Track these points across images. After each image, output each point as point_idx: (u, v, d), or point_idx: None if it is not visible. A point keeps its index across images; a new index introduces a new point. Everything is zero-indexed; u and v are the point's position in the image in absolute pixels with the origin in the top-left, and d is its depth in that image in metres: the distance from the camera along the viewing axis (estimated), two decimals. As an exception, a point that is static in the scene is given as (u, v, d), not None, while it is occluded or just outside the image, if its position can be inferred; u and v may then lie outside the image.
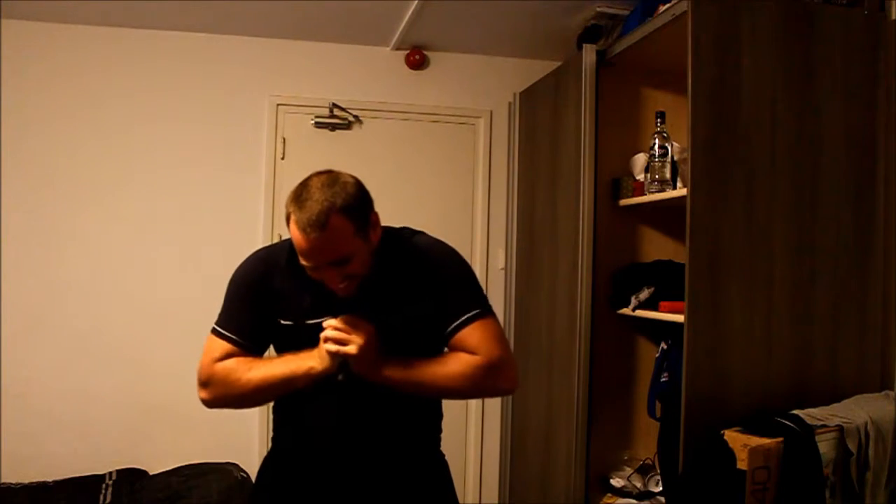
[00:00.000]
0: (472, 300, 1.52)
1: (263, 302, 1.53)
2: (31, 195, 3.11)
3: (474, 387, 1.49)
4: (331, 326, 1.41)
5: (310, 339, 1.46)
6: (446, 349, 1.52)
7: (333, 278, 1.42)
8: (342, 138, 3.42)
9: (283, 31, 3.27)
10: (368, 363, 1.43)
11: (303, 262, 1.41)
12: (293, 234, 1.39)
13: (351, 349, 1.39)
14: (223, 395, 1.55)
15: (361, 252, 1.43)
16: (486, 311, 1.52)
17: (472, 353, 1.47)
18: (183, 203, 3.24)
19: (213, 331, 1.58)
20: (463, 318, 1.49)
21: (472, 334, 1.48)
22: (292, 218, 1.39)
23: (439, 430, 1.66)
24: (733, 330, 1.94)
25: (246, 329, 1.54)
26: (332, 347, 1.40)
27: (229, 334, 1.55)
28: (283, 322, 1.52)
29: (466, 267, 1.57)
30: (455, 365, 1.47)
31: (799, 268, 2.00)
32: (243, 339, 1.54)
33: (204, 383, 1.57)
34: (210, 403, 1.58)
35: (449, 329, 1.49)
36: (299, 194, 1.40)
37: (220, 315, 1.59)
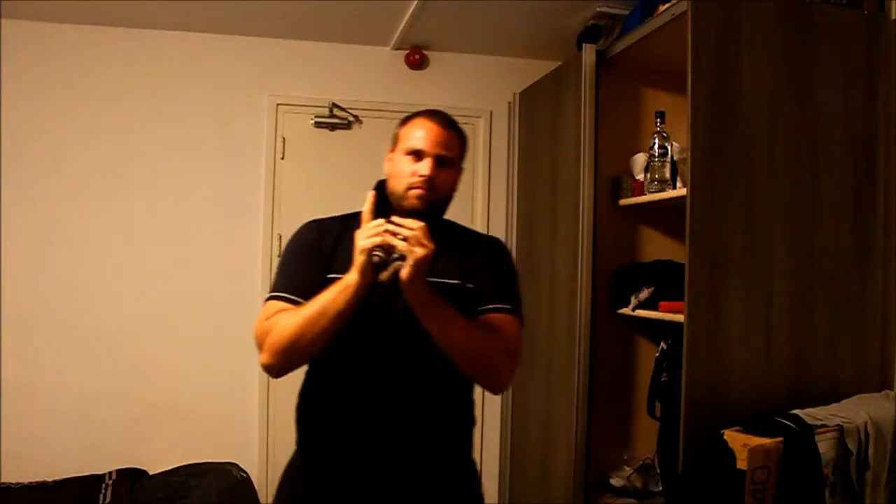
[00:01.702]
0: (513, 297, 1.58)
1: (317, 258, 1.55)
2: (32, 194, 3.11)
3: (484, 360, 1.49)
4: (410, 227, 1.37)
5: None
6: None
7: (426, 169, 1.50)
8: (342, 138, 3.42)
9: (283, 31, 3.27)
10: (422, 276, 1.39)
11: (415, 145, 1.52)
12: (416, 123, 1.56)
13: (420, 252, 1.34)
14: (276, 350, 1.47)
15: (452, 173, 1.57)
16: (520, 313, 1.57)
17: (497, 334, 1.51)
18: (183, 202, 3.24)
19: (267, 299, 1.56)
20: (499, 305, 1.54)
21: (501, 320, 1.52)
22: (418, 116, 1.57)
23: (471, 436, 1.67)
24: (733, 330, 1.93)
25: (298, 286, 1.53)
26: (401, 245, 1.35)
27: (281, 293, 1.54)
28: (332, 276, 1.50)
29: (515, 269, 1.66)
30: (481, 331, 1.49)
31: (799, 268, 2.00)
32: (295, 294, 1.52)
33: (259, 345, 1.51)
34: (269, 367, 1.51)
35: (482, 307, 1.52)
36: (419, 112, 1.59)
37: (272, 284, 1.59)
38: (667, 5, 2.20)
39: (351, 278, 1.39)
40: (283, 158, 3.35)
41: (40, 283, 3.11)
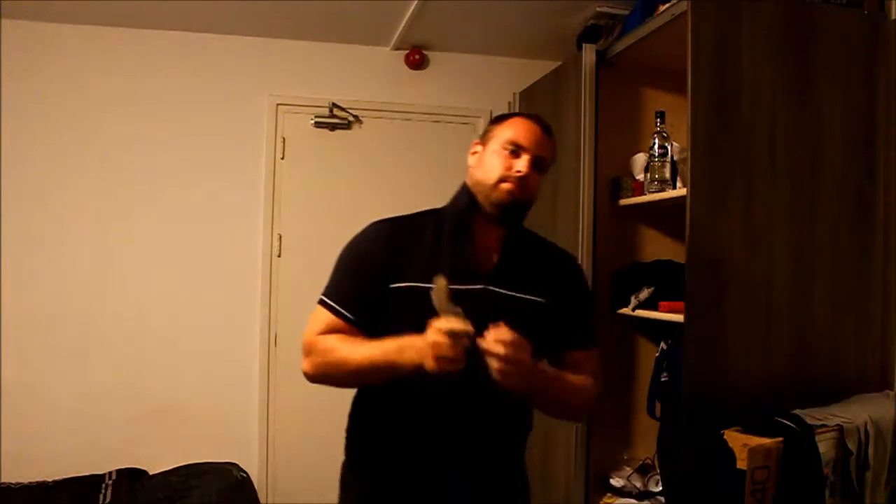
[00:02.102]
0: (594, 328, 1.59)
1: (377, 270, 1.48)
2: (32, 194, 3.11)
3: (583, 409, 1.54)
4: (499, 340, 1.28)
5: (419, 304, 1.36)
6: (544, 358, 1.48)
7: (523, 165, 1.47)
8: (342, 138, 3.42)
9: (283, 31, 3.27)
10: (521, 386, 1.34)
11: (517, 140, 1.48)
12: (517, 121, 1.52)
13: (515, 377, 1.29)
14: (322, 372, 1.48)
15: (541, 179, 1.53)
16: (597, 343, 1.58)
17: (585, 375, 1.50)
18: (183, 202, 3.24)
19: (320, 301, 1.52)
20: (588, 339, 1.55)
21: (591, 359, 1.53)
22: (519, 116, 1.54)
23: (526, 443, 1.66)
24: (733, 330, 1.93)
25: (351, 300, 1.49)
26: (497, 365, 1.28)
27: (334, 304, 1.49)
28: (398, 286, 1.46)
29: (591, 292, 1.67)
30: (581, 382, 1.48)
31: (799, 267, 1.99)
32: (349, 310, 1.48)
33: (306, 352, 1.50)
34: (311, 377, 1.50)
35: (569, 346, 1.53)
36: (516, 112, 1.62)
37: (328, 284, 1.54)
38: (667, 5, 2.20)
39: (415, 362, 1.31)
40: (283, 158, 3.35)
41: (40, 284, 3.11)
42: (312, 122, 3.37)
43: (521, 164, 1.47)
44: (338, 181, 3.39)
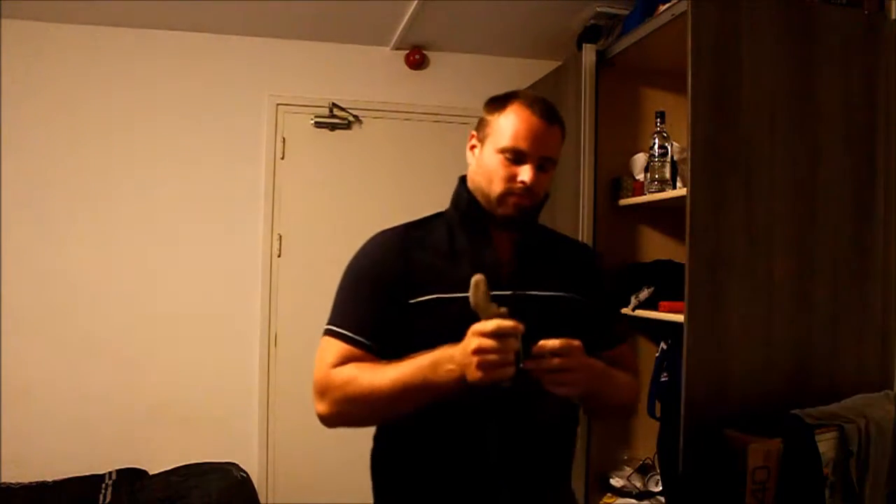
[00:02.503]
0: (623, 319, 1.52)
1: (393, 282, 1.31)
2: (32, 194, 3.12)
3: (632, 406, 1.45)
4: (558, 360, 1.15)
5: (446, 316, 1.25)
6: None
7: (527, 176, 1.32)
8: (342, 138, 3.42)
9: (283, 31, 3.27)
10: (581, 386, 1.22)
11: (517, 145, 1.32)
12: (516, 115, 1.33)
13: (575, 385, 1.19)
14: (342, 411, 1.27)
15: (549, 176, 1.38)
16: (630, 336, 1.55)
17: (627, 371, 1.42)
18: (183, 202, 3.25)
19: (327, 331, 1.33)
20: (622, 333, 1.48)
21: (630, 353, 1.47)
22: (517, 104, 1.35)
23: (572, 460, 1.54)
24: (733, 329, 1.93)
25: (365, 323, 1.30)
26: (556, 388, 1.17)
27: (345, 332, 1.31)
28: (419, 300, 1.29)
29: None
30: (626, 377, 1.40)
31: (799, 267, 1.99)
32: (364, 336, 1.30)
33: (321, 393, 1.29)
34: (328, 419, 1.29)
35: (608, 338, 1.44)
36: (514, 94, 1.38)
37: (333, 313, 1.35)
38: (667, 5, 2.20)
39: (454, 376, 1.15)
40: (283, 158, 3.35)
41: (40, 284, 3.11)
42: (312, 122, 3.37)
43: (525, 175, 1.32)
44: (338, 181, 3.39)
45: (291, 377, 3.28)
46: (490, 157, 1.35)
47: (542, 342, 1.16)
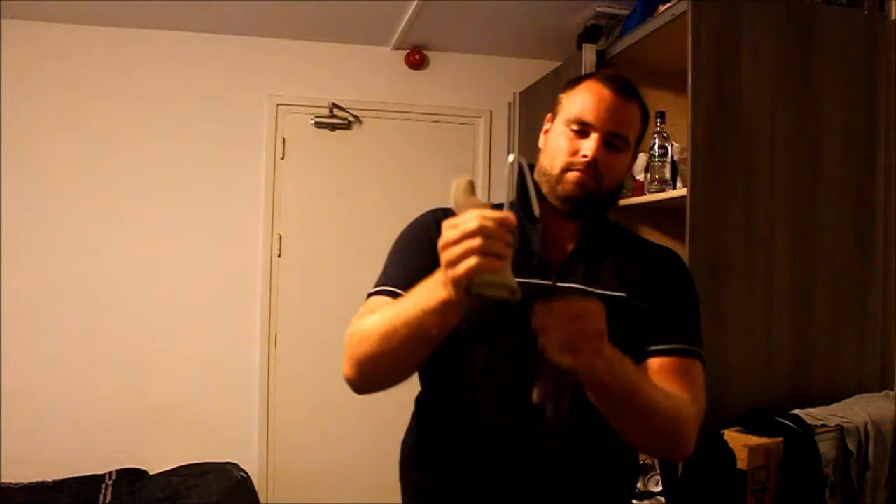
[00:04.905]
0: (695, 333, 1.23)
1: (432, 246, 1.04)
2: (32, 194, 3.12)
3: (677, 437, 1.13)
4: (583, 323, 0.93)
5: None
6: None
7: (591, 148, 1.17)
8: (342, 138, 3.42)
9: (283, 31, 3.27)
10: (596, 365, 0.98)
11: (582, 116, 1.18)
12: (586, 87, 1.20)
13: (585, 360, 0.94)
14: (356, 361, 1.12)
15: (625, 158, 1.22)
16: (703, 357, 1.22)
17: (681, 391, 1.15)
18: (183, 202, 3.25)
19: (368, 295, 1.23)
20: (682, 347, 1.19)
21: (688, 371, 1.18)
22: (592, 79, 1.21)
23: (636, 479, 1.38)
24: (733, 330, 1.93)
25: (408, 277, 1.11)
26: (559, 351, 0.92)
27: (383, 287, 1.20)
28: None
29: (696, 294, 1.30)
30: (675, 397, 1.12)
31: (799, 268, 1.99)
32: (397, 286, 1.16)
33: (346, 353, 1.15)
34: (348, 380, 1.15)
35: (662, 345, 1.18)
36: (594, 73, 1.28)
37: (378, 280, 1.25)
38: (667, 5, 2.20)
39: (441, 293, 0.95)
40: (283, 158, 3.35)
41: (40, 284, 3.11)
42: (312, 122, 3.37)
43: (589, 147, 1.17)
44: (338, 181, 3.39)
45: (291, 377, 3.28)
46: (558, 135, 1.23)
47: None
